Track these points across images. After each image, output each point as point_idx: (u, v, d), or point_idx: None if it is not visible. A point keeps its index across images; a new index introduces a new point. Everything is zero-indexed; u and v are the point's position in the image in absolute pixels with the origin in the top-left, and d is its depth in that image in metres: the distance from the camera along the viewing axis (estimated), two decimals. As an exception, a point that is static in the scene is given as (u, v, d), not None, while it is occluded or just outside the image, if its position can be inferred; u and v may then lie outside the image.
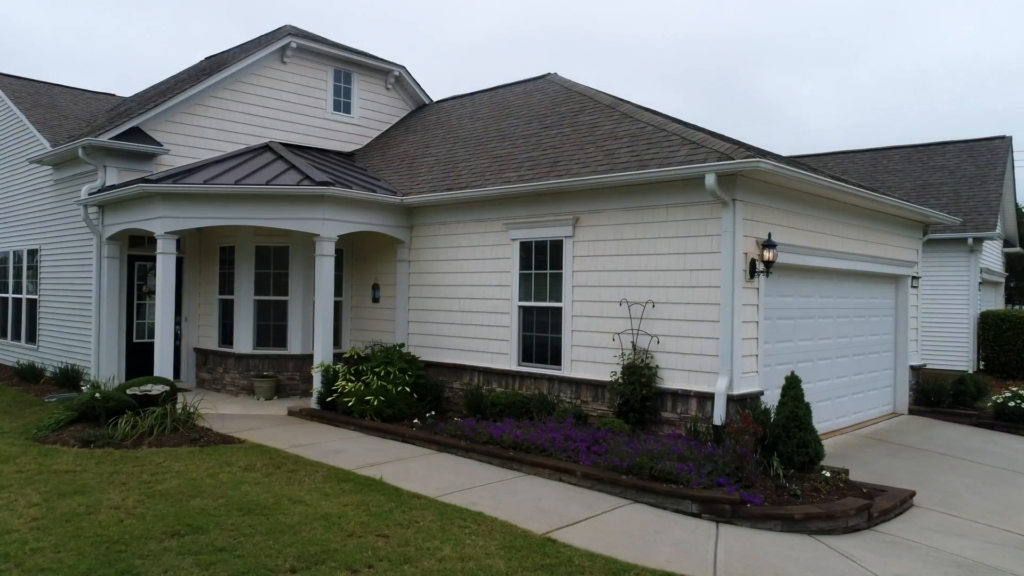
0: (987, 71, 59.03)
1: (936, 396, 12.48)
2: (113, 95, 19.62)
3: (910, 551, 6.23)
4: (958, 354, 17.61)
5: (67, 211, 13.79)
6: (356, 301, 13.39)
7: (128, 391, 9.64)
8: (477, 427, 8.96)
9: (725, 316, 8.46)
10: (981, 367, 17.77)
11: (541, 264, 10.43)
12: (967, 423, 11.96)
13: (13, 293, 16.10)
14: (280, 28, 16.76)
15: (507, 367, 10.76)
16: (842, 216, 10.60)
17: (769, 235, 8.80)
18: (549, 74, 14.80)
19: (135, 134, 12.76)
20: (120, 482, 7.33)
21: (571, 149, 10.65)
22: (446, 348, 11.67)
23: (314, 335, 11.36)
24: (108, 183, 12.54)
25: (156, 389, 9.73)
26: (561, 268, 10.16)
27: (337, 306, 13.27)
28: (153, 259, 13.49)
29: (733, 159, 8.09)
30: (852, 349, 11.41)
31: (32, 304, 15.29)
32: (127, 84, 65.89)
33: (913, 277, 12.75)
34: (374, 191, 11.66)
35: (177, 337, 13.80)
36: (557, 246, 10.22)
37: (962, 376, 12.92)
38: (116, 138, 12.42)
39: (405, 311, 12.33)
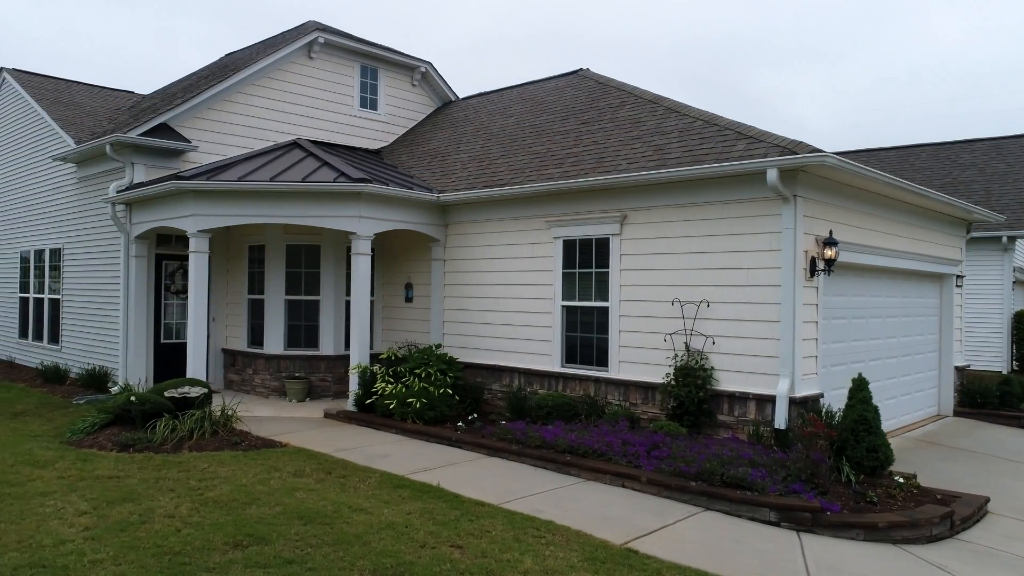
0: (978, 71, 58.73)
1: (982, 398, 12.20)
2: (132, 92, 19.38)
3: (998, 561, 5.97)
4: (992, 354, 17.32)
5: (92, 209, 13.54)
6: (387, 301, 13.12)
7: (166, 393, 9.37)
8: (528, 431, 8.70)
9: (786, 316, 8.19)
10: (1015, 367, 17.48)
11: (586, 263, 10.15)
12: (1015, 425, 11.70)
13: (35, 293, 15.84)
14: (305, 23, 16.50)
15: (549, 368, 10.49)
16: (892, 213, 10.33)
17: (831, 232, 8.53)
18: (581, 70, 14.52)
19: (163, 130, 12.51)
20: (168, 488, 7.07)
21: (615, 145, 10.38)
22: (484, 349, 11.41)
23: (349, 336, 11.11)
24: (136, 180, 12.29)
25: (194, 391, 9.46)
26: (607, 267, 9.89)
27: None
28: (180, 258, 13.26)
29: (797, 154, 7.82)
30: (900, 350, 11.14)
31: (54, 304, 15.04)
32: (116, 83, 65.58)
33: (958, 276, 12.47)
34: (411, 188, 11.40)
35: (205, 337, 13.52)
36: (603, 244, 9.95)
37: (1007, 377, 12.64)
38: (144, 135, 12.16)
39: (440, 311, 12.06)
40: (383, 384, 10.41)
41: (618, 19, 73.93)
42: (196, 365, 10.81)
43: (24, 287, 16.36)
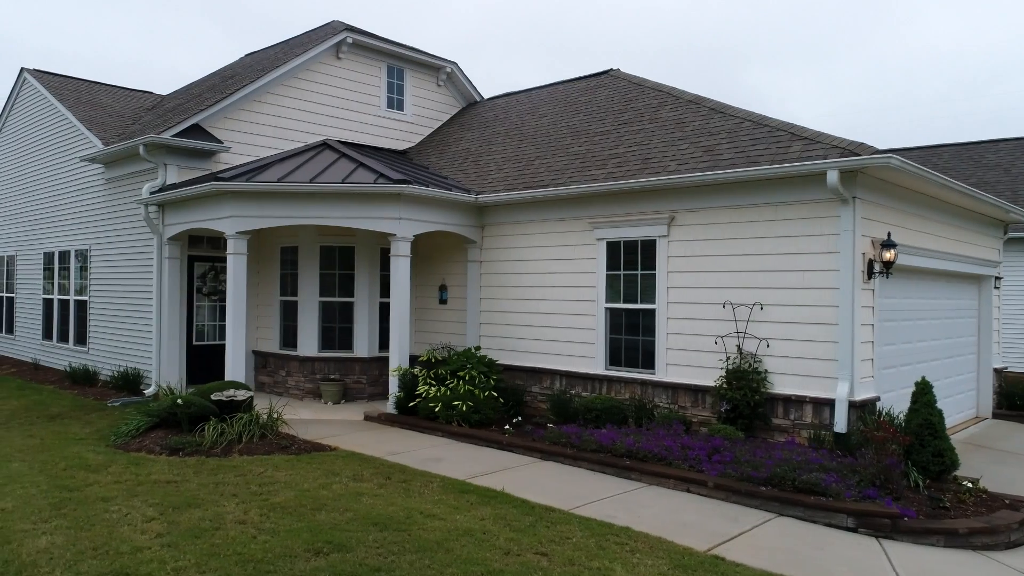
0: (969, 71, 58.74)
1: (1022, 400, 12.14)
2: (150, 92, 19.26)
3: (1083, 567, 5.90)
4: (1022, 355, 17.27)
5: (122, 210, 13.43)
6: (420, 303, 13.03)
7: (213, 396, 9.28)
8: (582, 434, 8.61)
9: (844, 319, 8.12)
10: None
11: (631, 264, 10.08)
12: (1055, 428, 11.63)
13: (59, 295, 15.73)
14: (330, 23, 16.42)
15: (592, 371, 10.41)
16: (937, 214, 10.27)
17: (889, 234, 8.47)
18: (612, 70, 14.45)
19: (195, 131, 12.41)
20: (230, 493, 6.98)
21: (660, 146, 10.30)
22: (522, 351, 11.32)
23: (383, 338, 11.02)
24: (169, 181, 12.18)
25: (241, 394, 9.37)
26: (654, 269, 9.82)
27: (400, 308, 12.89)
28: (211, 259, 13.16)
29: (859, 155, 7.75)
30: (944, 352, 11.08)
31: (81, 305, 14.92)
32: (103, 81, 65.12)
33: (996, 278, 12.42)
34: (449, 190, 11.31)
35: (235, 339, 13.43)
36: (649, 246, 9.87)
37: (1045, 379, 12.59)
38: (177, 135, 12.06)
39: (476, 313, 11.98)
40: (426, 387, 10.32)
41: (607, 18, 73.82)
42: (235, 367, 10.72)
43: (47, 288, 16.24)
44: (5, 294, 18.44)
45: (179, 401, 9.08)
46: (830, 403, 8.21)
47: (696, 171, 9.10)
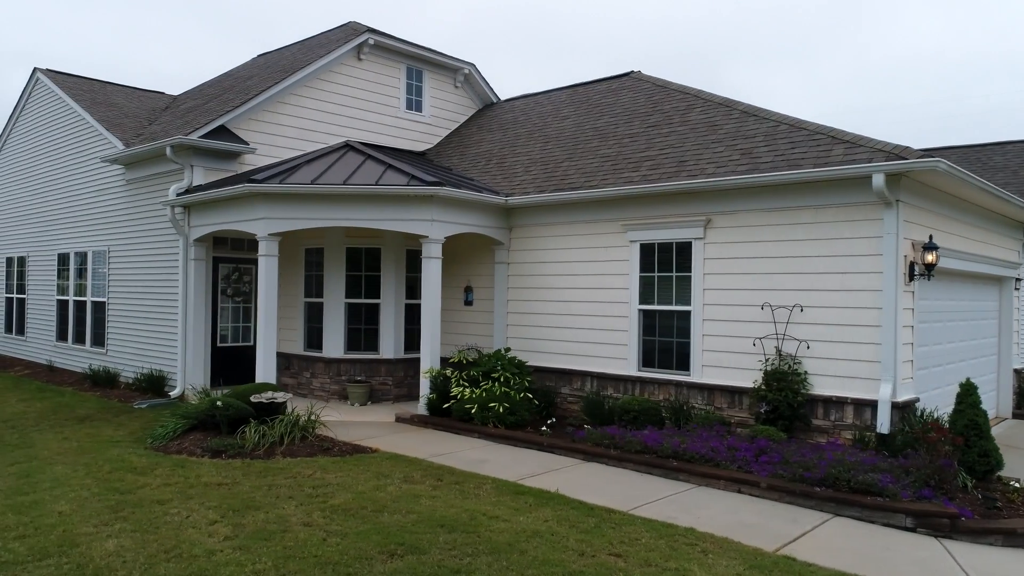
0: (953, 72, 59.29)
1: (1042, 400, 12.30)
2: (162, 93, 19.15)
3: None
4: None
5: (144, 211, 13.36)
6: (445, 304, 12.98)
7: (252, 398, 9.26)
8: (626, 436, 8.65)
9: (887, 321, 8.20)
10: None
11: (665, 266, 10.13)
12: (1076, 427, 11.79)
13: (75, 296, 15.62)
14: (346, 24, 16.42)
15: (625, 372, 10.46)
16: (967, 216, 10.39)
17: (930, 237, 8.57)
18: (633, 72, 14.52)
19: (221, 132, 12.38)
20: (286, 496, 6.97)
21: (694, 148, 10.37)
22: (552, 352, 11.36)
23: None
24: (195, 182, 12.14)
25: (280, 396, 9.36)
26: (689, 271, 9.87)
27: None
28: (235, 261, 13.13)
29: (906, 159, 7.84)
30: (969, 353, 11.21)
31: (98, 307, 14.82)
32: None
33: (1016, 279, 12.58)
34: (481, 191, 11.33)
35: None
36: (684, 248, 9.93)
37: (1063, 379, 12.75)
38: (204, 136, 12.02)
39: (504, 314, 12.00)
40: (461, 388, 10.33)
41: (590, 18, 73.93)
42: (266, 369, 10.70)
43: (62, 289, 16.12)
44: (16, 295, 18.29)
45: (219, 403, 9.05)
46: (872, 404, 8.29)
47: (735, 174, 9.16)
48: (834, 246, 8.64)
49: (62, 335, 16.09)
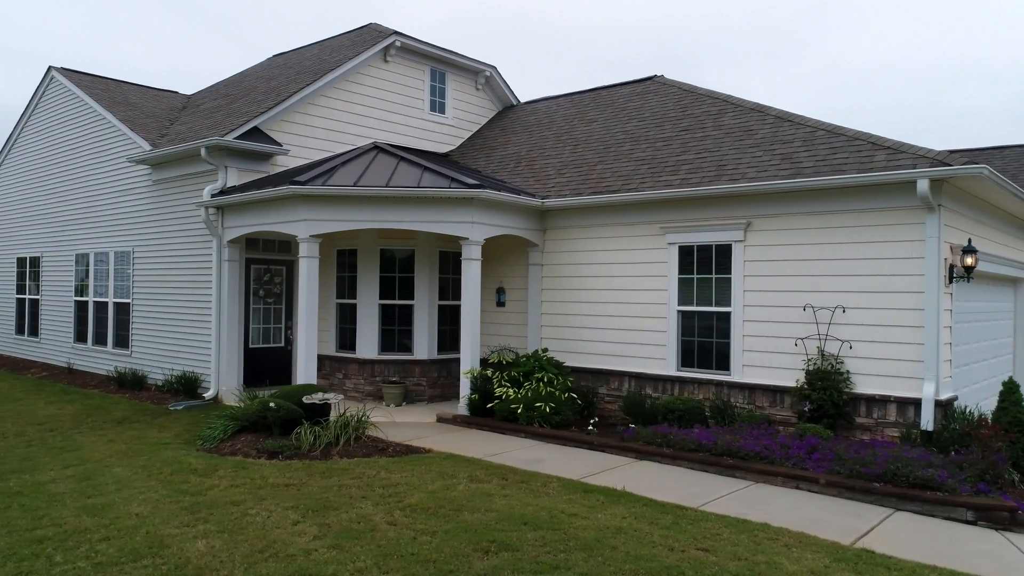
0: (926, 74, 60.28)
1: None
2: (176, 92, 19.10)
3: None
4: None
5: (173, 212, 13.38)
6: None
7: (305, 399, 9.35)
8: (677, 434, 8.84)
9: (930, 321, 8.46)
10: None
11: (704, 268, 10.34)
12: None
13: (95, 296, 15.57)
14: (367, 25, 16.51)
15: (664, 372, 10.66)
16: (994, 220, 10.71)
17: (969, 240, 8.83)
18: (656, 76, 14.72)
19: (254, 133, 12.44)
20: (359, 496, 7.09)
21: (732, 152, 10.58)
22: (587, 353, 11.53)
23: (461, 341, 11.14)
24: (229, 183, 12.20)
25: (332, 397, 9.46)
26: (729, 272, 10.09)
27: (455, 310, 13.05)
28: (267, 262, 13.18)
29: (950, 165, 8.09)
30: (990, 352, 11.52)
31: (121, 308, 14.80)
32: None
33: (1033, 280, 12.93)
34: (518, 194, 11.48)
35: (288, 343, 13.48)
36: (724, 250, 10.14)
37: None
38: (239, 138, 12.08)
39: (537, 315, 12.16)
40: (504, 389, 10.48)
41: (567, 19, 74.24)
42: (308, 371, 10.78)
43: (80, 290, 16.07)
44: (28, 296, 18.18)
45: (272, 405, 9.13)
46: (915, 402, 8.54)
47: (777, 178, 9.38)
48: (876, 249, 8.88)
49: (81, 336, 16.03)
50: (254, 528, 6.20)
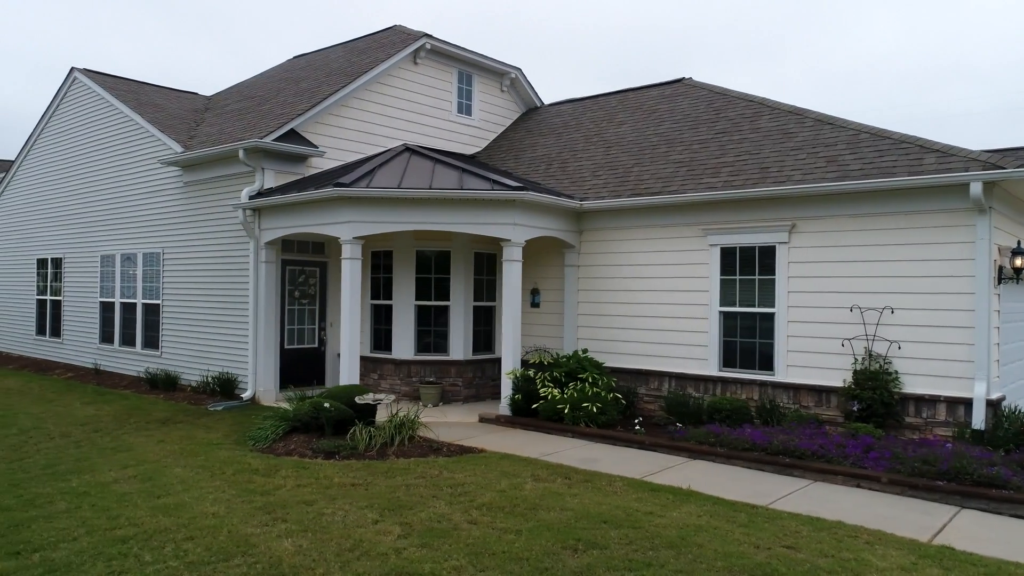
0: (911, 73, 60.81)
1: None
2: (196, 94, 19.10)
3: None
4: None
5: (207, 213, 13.39)
6: (509, 306, 13.22)
7: (357, 399, 9.40)
8: (730, 433, 8.93)
9: (981, 322, 8.58)
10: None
11: (747, 269, 10.44)
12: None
13: (122, 298, 15.56)
14: (392, 27, 16.54)
15: (705, 372, 10.75)
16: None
17: (1019, 242, 8.96)
18: (684, 78, 14.83)
19: (291, 136, 12.47)
20: (429, 495, 7.14)
21: (773, 155, 10.69)
22: (626, 353, 11.62)
23: (502, 342, 11.20)
24: (266, 185, 12.23)
25: (384, 398, 9.51)
26: (772, 274, 10.19)
27: (489, 311, 13.13)
28: (301, 263, 13.21)
29: (1003, 168, 8.21)
30: (1021, 353, 11.65)
31: (150, 309, 14.79)
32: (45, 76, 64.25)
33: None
34: (558, 196, 11.55)
35: (322, 343, 13.52)
36: (767, 252, 10.25)
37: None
38: (277, 140, 12.11)
39: (574, 316, 12.24)
40: (548, 389, 10.55)
41: (551, 18, 74.45)
42: (351, 372, 10.83)
43: (106, 291, 16.04)
44: (50, 297, 18.14)
45: (326, 406, 9.18)
46: (965, 402, 8.66)
47: (824, 181, 9.49)
48: (925, 250, 9.00)
49: (107, 338, 16.01)
50: (336, 527, 6.24)
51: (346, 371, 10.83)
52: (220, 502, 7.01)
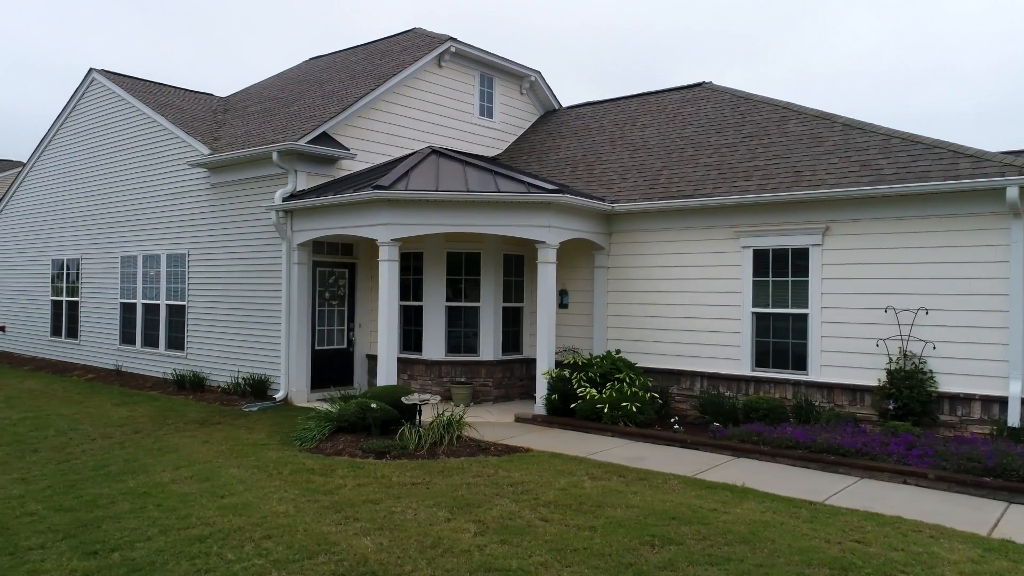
0: (888, 75, 61.76)
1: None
2: (210, 95, 19.12)
3: None
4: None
5: (236, 215, 13.46)
6: (536, 307, 13.37)
7: (404, 399, 9.52)
8: (772, 432, 9.13)
9: (1016, 323, 8.83)
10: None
11: (780, 271, 10.65)
12: None
13: (144, 299, 15.58)
14: (412, 29, 16.66)
15: (737, 372, 10.96)
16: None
17: (1051, 245, 9.21)
18: (704, 82, 15.04)
19: (322, 138, 12.56)
20: (492, 494, 7.28)
21: (805, 160, 10.90)
22: (657, 353, 11.81)
23: (537, 343, 11.35)
24: (299, 187, 12.32)
25: (432, 399, 9.64)
26: (806, 275, 10.40)
27: (516, 312, 13.28)
28: (331, 264, 13.31)
29: (1041, 173, 8.46)
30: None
31: (174, 310, 14.83)
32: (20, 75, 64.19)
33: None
34: (591, 198, 11.72)
35: (350, 344, 13.62)
36: (800, 254, 10.46)
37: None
38: (310, 142, 12.21)
39: (603, 316, 12.41)
40: (587, 389, 10.71)
41: (530, 15, 74.78)
42: (389, 372, 10.95)
43: (127, 292, 16.05)
44: (66, 298, 18.10)
45: (373, 406, 9.30)
46: (1000, 400, 8.91)
47: (859, 185, 9.71)
48: (960, 253, 9.25)
49: (128, 339, 16.02)
50: (411, 525, 6.37)
51: (384, 372, 10.94)
52: (286, 501, 7.12)
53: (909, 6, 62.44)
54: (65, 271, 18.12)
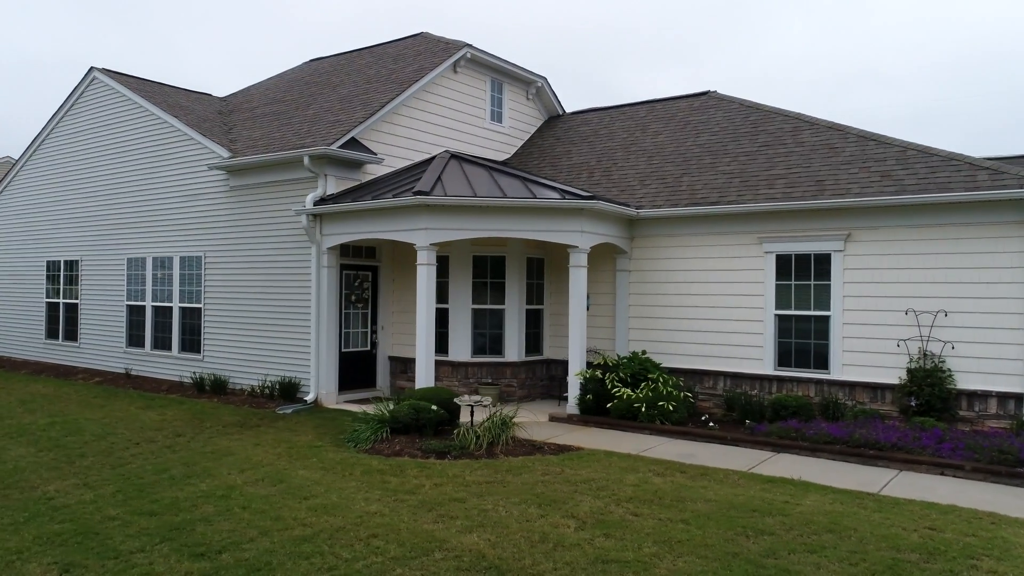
0: (822, 76, 64.34)
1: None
2: (210, 95, 18.95)
3: None
4: None
5: (258, 218, 13.48)
6: (556, 308, 13.77)
7: (456, 400, 9.79)
8: (809, 428, 9.68)
9: (1030, 324, 9.56)
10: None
11: (802, 275, 11.23)
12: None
13: (154, 301, 15.43)
14: (419, 34, 16.85)
15: (760, 371, 11.51)
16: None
17: (1061, 252, 9.98)
18: (710, 91, 15.60)
19: (351, 143, 12.70)
20: (571, 491, 7.61)
21: (826, 169, 11.51)
22: (679, 354, 12.29)
23: (570, 345, 11.71)
24: (329, 191, 12.44)
25: (483, 400, 9.92)
26: (828, 279, 11.00)
27: (537, 314, 13.63)
28: (356, 268, 13.45)
29: (1056, 186, 9.19)
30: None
31: (189, 313, 14.75)
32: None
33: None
34: (619, 204, 12.13)
35: (374, 346, 13.78)
36: (823, 259, 11.06)
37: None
38: (340, 147, 12.34)
39: (626, 318, 12.85)
40: (621, 389, 11.12)
41: (477, 9, 75.40)
42: (427, 374, 11.18)
43: (135, 295, 15.87)
44: (63, 300, 17.76)
45: (434, 408, 9.54)
46: (1016, 396, 9.64)
47: (883, 194, 10.34)
48: (977, 259, 9.94)
49: (136, 341, 15.84)
50: (511, 522, 6.65)
51: (422, 374, 11.17)
52: (373, 501, 7.32)
53: (838, 11, 64.75)
54: (62, 272, 17.76)
